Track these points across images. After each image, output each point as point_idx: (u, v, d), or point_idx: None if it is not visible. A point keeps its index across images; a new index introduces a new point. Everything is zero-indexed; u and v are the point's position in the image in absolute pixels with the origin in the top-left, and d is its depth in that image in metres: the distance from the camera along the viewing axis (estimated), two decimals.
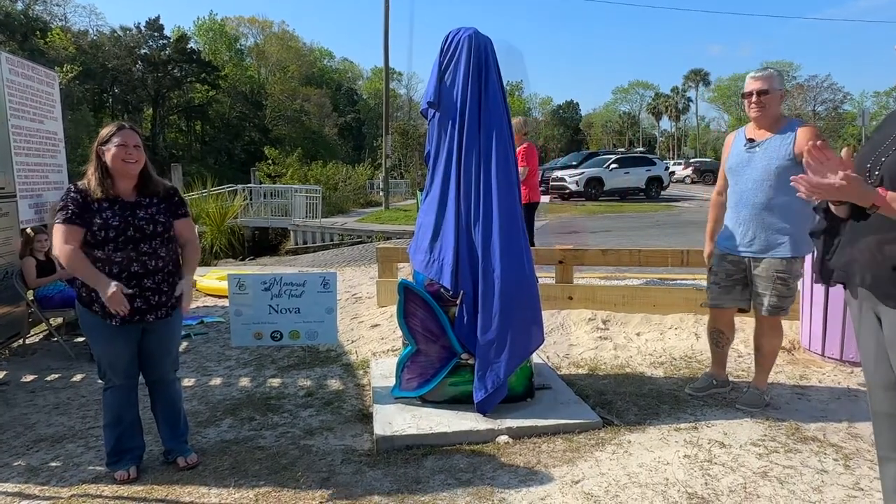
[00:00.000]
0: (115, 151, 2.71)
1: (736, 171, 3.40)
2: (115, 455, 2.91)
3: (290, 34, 61.29)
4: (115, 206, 2.74)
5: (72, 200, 2.67)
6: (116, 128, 2.79)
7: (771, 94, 3.25)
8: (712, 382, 3.69)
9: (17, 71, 5.39)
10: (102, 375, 2.89)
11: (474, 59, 3.32)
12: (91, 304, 2.73)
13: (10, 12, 35.67)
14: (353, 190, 25.02)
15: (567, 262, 5.36)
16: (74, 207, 2.66)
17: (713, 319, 3.65)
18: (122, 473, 2.87)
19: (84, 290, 2.72)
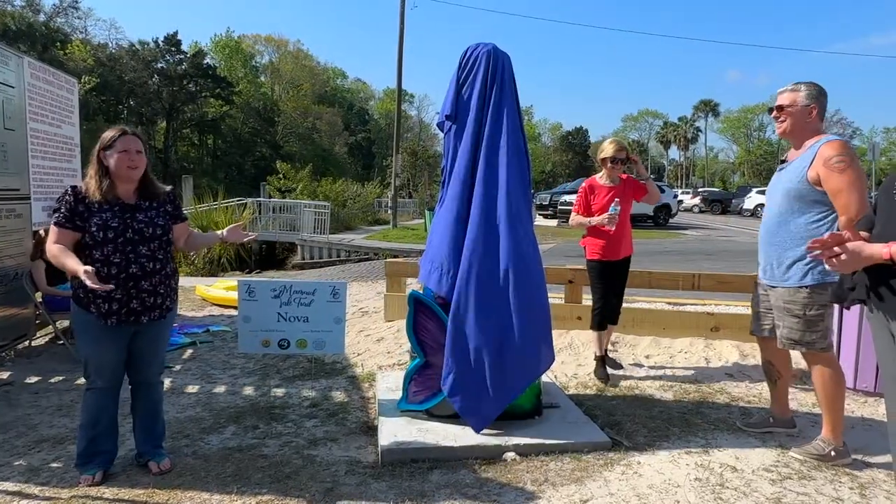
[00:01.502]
0: (118, 157, 2.73)
1: (767, 193, 3.28)
2: (85, 457, 2.86)
3: (304, 53, 62.21)
4: (115, 207, 2.74)
5: (65, 203, 2.70)
6: (119, 133, 2.78)
7: (793, 109, 3.03)
8: (769, 420, 3.42)
9: (38, 76, 5.47)
10: (87, 376, 2.85)
11: (492, 75, 3.34)
12: (88, 304, 2.72)
13: (33, 23, 36.40)
14: (361, 207, 25.12)
15: (576, 282, 5.33)
16: (66, 211, 2.69)
17: (761, 350, 3.42)
18: (88, 477, 2.82)
19: (81, 291, 2.71)
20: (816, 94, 3.03)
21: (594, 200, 4.42)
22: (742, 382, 4.29)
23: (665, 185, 29.39)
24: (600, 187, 4.42)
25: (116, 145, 2.73)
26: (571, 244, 15.82)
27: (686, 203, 38.61)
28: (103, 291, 2.58)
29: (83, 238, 2.69)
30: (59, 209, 2.70)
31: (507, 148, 3.31)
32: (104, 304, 2.70)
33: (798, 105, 3.03)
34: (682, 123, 78.67)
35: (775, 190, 3.12)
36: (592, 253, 4.39)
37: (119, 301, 2.72)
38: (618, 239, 4.32)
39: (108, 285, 2.57)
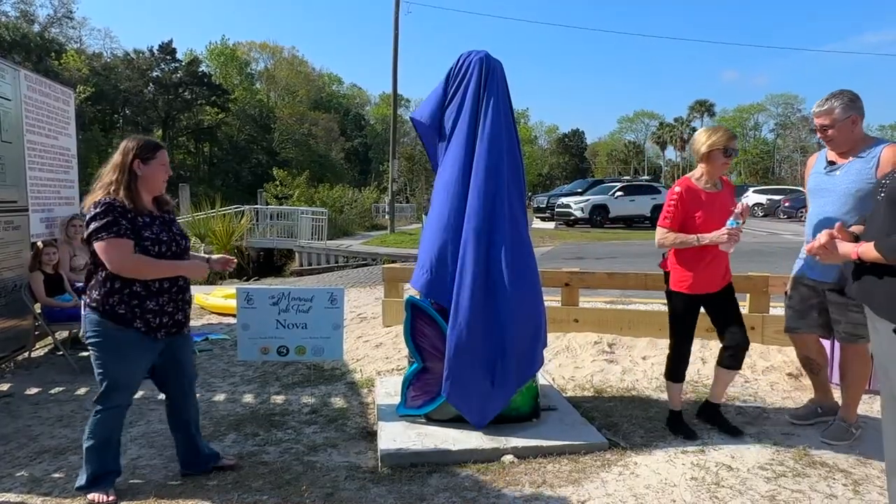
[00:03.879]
0: (159, 169, 2.75)
1: (815, 194, 3.33)
2: (97, 477, 2.76)
3: (299, 59, 62.33)
4: (156, 220, 2.74)
5: (120, 214, 2.60)
6: (155, 146, 2.78)
7: (835, 128, 3.14)
8: (817, 410, 3.53)
9: (34, 88, 5.51)
10: (106, 396, 2.72)
11: (485, 81, 3.38)
12: (133, 321, 2.64)
13: (27, 33, 36.42)
14: (358, 213, 25.15)
15: (573, 285, 5.37)
16: (127, 222, 2.61)
17: (797, 346, 3.52)
18: (101, 496, 2.73)
19: (123, 308, 2.62)
20: (849, 103, 3.12)
21: (696, 210, 3.27)
22: (738, 382, 4.32)
23: (661, 185, 29.50)
24: (701, 192, 3.30)
25: (158, 157, 2.75)
26: (569, 247, 15.88)
27: None
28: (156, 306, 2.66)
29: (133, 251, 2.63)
30: (117, 221, 2.58)
31: (500, 153, 3.35)
32: (154, 318, 2.68)
33: (838, 121, 3.13)
34: (678, 124, 78.88)
35: (831, 191, 3.21)
36: (680, 282, 3.36)
37: (169, 314, 2.74)
38: (718, 264, 3.33)
39: None
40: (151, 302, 2.68)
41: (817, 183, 3.33)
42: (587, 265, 11.42)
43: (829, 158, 3.32)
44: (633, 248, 15.59)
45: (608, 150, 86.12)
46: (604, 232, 21.24)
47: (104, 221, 2.57)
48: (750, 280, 5.06)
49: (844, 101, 3.11)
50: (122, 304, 2.63)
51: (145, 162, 2.71)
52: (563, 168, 78.34)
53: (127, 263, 2.59)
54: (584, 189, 26.71)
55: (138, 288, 2.65)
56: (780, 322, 4.93)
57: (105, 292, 2.63)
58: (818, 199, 3.29)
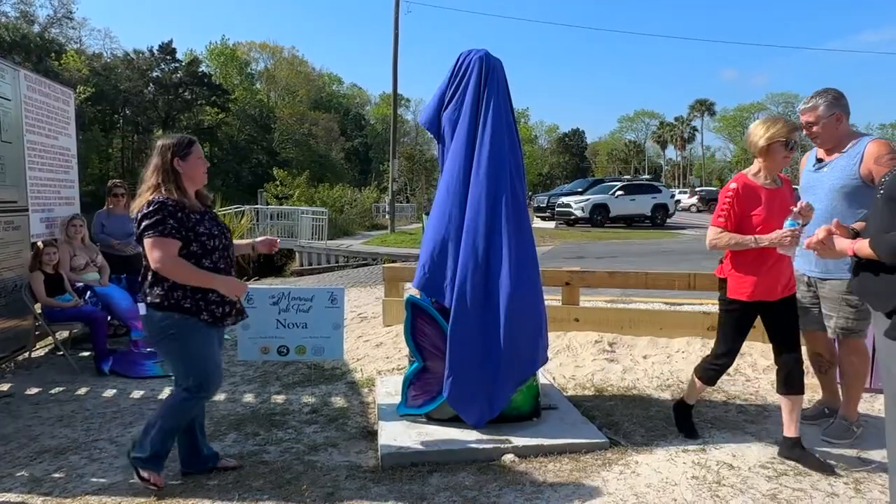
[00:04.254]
0: (198, 163, 2.79)
1: (805, 191, 3.37)
2: (155, 456, 2.80)
3: (299, 59, 62.30)
4: (206, 216, 2.79)
5: (170, 213, 2.63)
6: (189, 140, 2.81)
7: (819, 125, 3.19)
8: (824, 411, 3.54)
9: (34, 88, 5.51)
10: (198, 387, 2.77)
11: (485, 80, 3.37)
12: (200, 312, 2.69)
13: (27, 34, 36.42)
14: (358, 213, 25.15)
15: (573, 284, 5.36)
16: (174, 221, 2.63)
17: (807, 343, 3.49)
18: (154, 476, 2.81)
19: (189, 301, 2.66)
20: (833, 100, 3.17)
21: (753, 209, 2.99)
22: (739, 380, 4.32)
23: (662, 184, 29.51)
24: (760, 189, 3.02)
25: (194, 151, 2.78)
26: (569, 246, 15.88)
27: (683, 203, 38.73)
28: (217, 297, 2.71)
29: (189, 248, 2.68)
30: (165, 220, 2.61)
31: (500, 151, 3.34)
32: (218, 308, 2.74)
33: (822, 118, 3.18)
34: (679, 123, 78.92)
35: (818, 188, 3.26)
36: (740, 290, 3.05)
37: (230, 303, 2.81)
38: (781, 269, 3.02)
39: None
40: (213, 294, 2.72)
41: (807, 180, 3.39)
42: (588, 264, 11.42)
43: (817, 156, 3.39)
44: (633, 247, 15.60)
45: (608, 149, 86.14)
46: (604, 231, 21.23)
47: (153, 220, 2.62)
48: None
49: (828, 98, 3.17)
50: (187, 298, 2.67)
51: (184, 158, 2.75)
52: (564, 167, 78.33)
53: (168, 263, 2.60)
54: (584, 188, 26.71)
55: None
56: None
57: (169, 287, 2.65)
58: (808, 196, 3.31)
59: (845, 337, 3.24)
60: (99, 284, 5.59)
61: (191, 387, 2.77)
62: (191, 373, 2.76)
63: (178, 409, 2.80)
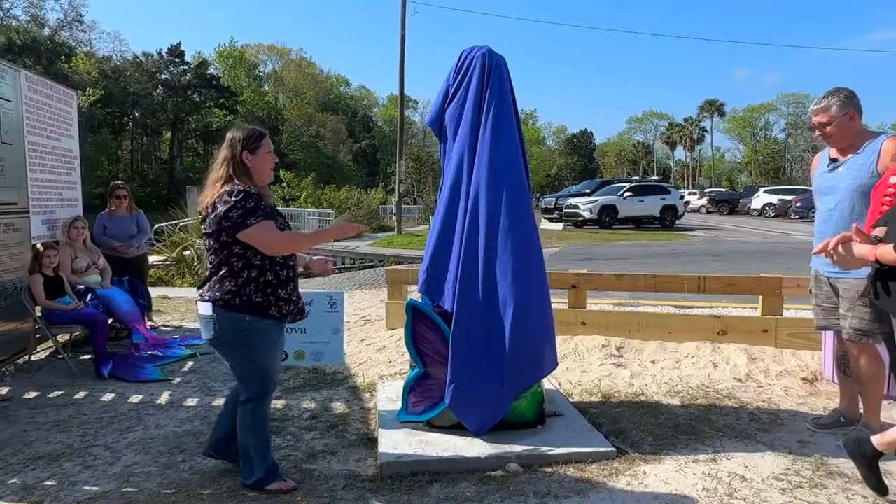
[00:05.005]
0: (267, 157, 2.72)
1: (820, 193, 3.34)
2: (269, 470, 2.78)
3: (307, 61, 62.52)
4: (275, 210, 2.75)
5: (258, 200, 2.60)
6: (260, 134, 2.72)
7: (833, 125, 3.15)
8: (839, 420, 3.41)
9: (35, 89, 5.47)
10: (263, 392, 2.73)
11: (488, 78, 3.28)
12: (269, 308, 2.63)
13: (37, 37, 36.70)
14: (365, 214, 25.11)
15: (580, 287, 5.25)
16: (264, 206, 2.61)
17: (839, 341, 3.41)
18: (284, 485, 2.79)
19: (260, 296, 2.60)
20: (846, 99, 3.13)
21: None
22: (751, 387, 4.19)
23: (671, 185, 29.28)
24: None
25: (264, 145, 2.70)
26: (577, 248, 15.75)
27: (693, 204, 38.45)
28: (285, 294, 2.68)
29: None
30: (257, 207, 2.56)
31: (503, 151, 3.25)
32: (286, 305, 2.69)
33: (836, 117, 3.14)
34: (688, 124, 78.40)
35: (835, 188, 3.21)
36: None
37: (294, 302, 2.75)
38: None
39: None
40: (283, 290, 2.68)
41: (822, 182, 3.33)
42: (596, 266, 11.30)
43: (831, 156, 3.32)
44: (642, 248, 15.44)
45: (617, 150, 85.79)
46: (612, 233, 21.06)
47: (249, 207, 2.52)
48: (762, 282, 4.93)
49: (841, 98, 3.14)
50: (259, 293, 2.60)
51: (253, 152, 2.66)
52: (572, 169, 78.04)
53: (280, 240, 2.60)
54: (592, 190, 26.54)
55: (270, 277, 2.64)
56: (794, 325, 4.83)
57: (241, 283, 2.57)
58: (824, 198, 3.29)
59: (858, 339, 3.15)
60: (101, 287, 5.54)
61: (255, 394, 2.73)
62: (256, 377, 2.70)
63: (257, 419, 2.75)
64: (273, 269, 2.65)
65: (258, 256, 2.61)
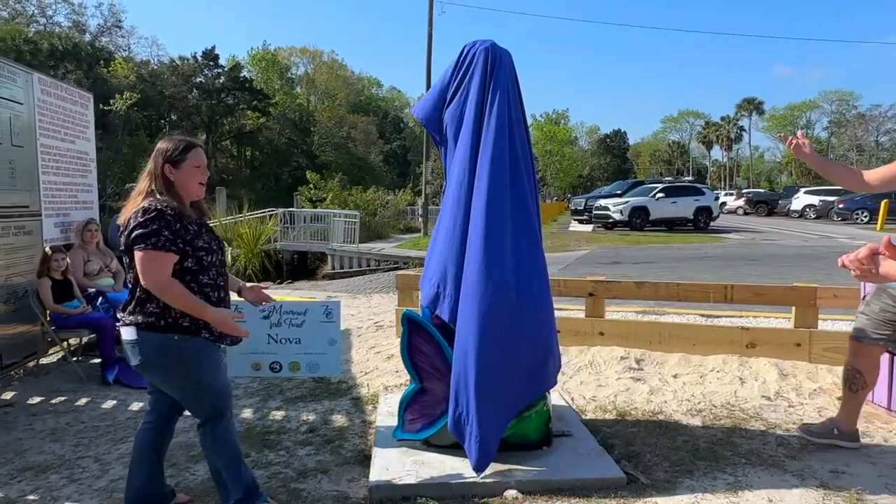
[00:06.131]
0: (193, 172, 2.48)
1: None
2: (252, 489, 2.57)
3: (339, 63, 63.01)
4: (203, 227, 2.52)
5: (166, 224, 2.34)
6: (187, 146, 2.50)
7: None
8: (833, 431, 3.25)
9: (49, 91, 5.45)
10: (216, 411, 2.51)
11: (490, 73, 3.06)
12: (200, 330, 2.42)
13: (78, 43, 37.73)
14: (392, 215, 25.05)
15: (598, 295, 4.98)
16: (170, 233, 2.34)
17: (852, 355, 3.19)
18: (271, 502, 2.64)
19: (187, 320, 2.39)
20: None
21: None
22: (780, 406, 3.87)
23: (706, 186, 28.47)
24: None
25: (190, 159, 2.46)
26: (605, 250, 15.34)
27: (730, 205, 37.39)
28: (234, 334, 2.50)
29: (185, 262, 2.40)
30: (159, 231, 2.32)
31: (507, 152, 3.02)
32: None
33: None
34: (725, 123, 76.49)
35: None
36: None
37: None
38: None
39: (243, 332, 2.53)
40: None
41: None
42: (624, 270, 10.95)
43: None
44: (673, 252, 14.96)
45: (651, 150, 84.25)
46: (643, 235, 20.52)
47: (148, 230, 2.32)
48: (796, 291, 4.59)
49: None
50: (186, 317, 2.39)
51: (176, 165, 2.44)
52: (605, 169, 76.94)
53: (161, 282, 2.32)
54: (623, 190, 25.96)
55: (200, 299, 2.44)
56: (829, 338, 4.47)
57: (163, 304, 2.36)
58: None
59: None
60: (113, 290, 5.50)
61: (209, 414, 2.50)
62: (205, 397, 2.48)
63: (218, 438, 2.52)
64: (202, 290, 2.43)
65: (184, 278, 2.39)
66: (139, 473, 2.60)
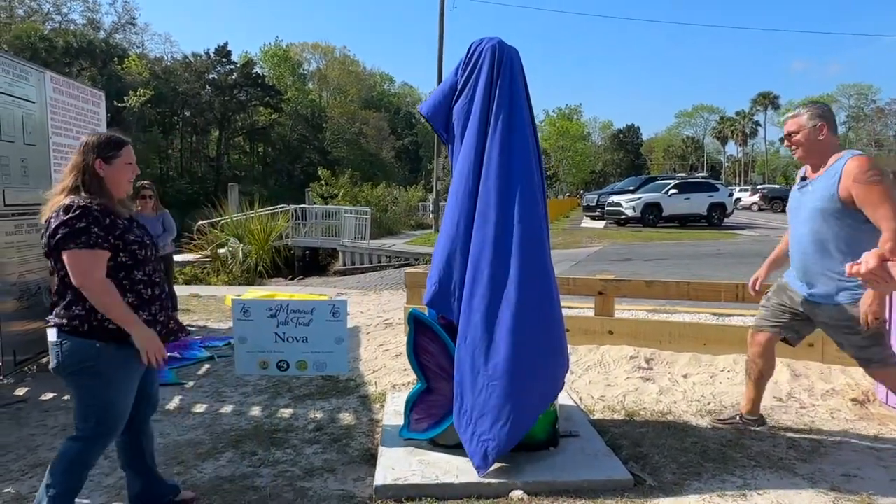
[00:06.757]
0: (125, 168, 2.43)
1: (790, 212, 3.25)
2: None
3: (350, 59, 63.13)
4: (133, 222, 2.44)
5: (94, 220, 2.25)
6: (119, 142, 2.43)
7: (801, 134, 3.05)
8: (737, 417, 3.51)
9: (61, 90, 5.50)
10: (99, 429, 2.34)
11: (497, 72, 3.04)
12: (126, 336, 2.29)
13: (93, 40, 38.13)
14: (403, 211, 25.05)
15: (608, 293, 4.94)
16: (100, 229, 2.26)
17: (749, 344, 3.44)
18: None
19: (112, 322, 2.29)
20: (820, 112, 3.06)
21: None
22: (792, 408, 3.82)
23: (719, 182, 28.21)
24: None
25: (123, 155, 2.42)
26: (617, 247, 15.26)
27: (744, 201, 37.04)
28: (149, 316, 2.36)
29: (119, 258, 2.32)
30: (89, 228, 2.24)
31: (513, 150, 3.00)
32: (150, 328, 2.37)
33: (805, 128, 3.04)
34: (740, 118, 75.69)
35: (802, 209, 3.10)
36: None
37: (162, 323, 2.44)
38: None
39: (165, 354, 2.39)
40: (144, 312, 2.36)
41: (792, 201, 3.25)
42: (636, 267, 10.88)
43: (804, 174, 3.21)
44: (686, 249, 14.84)
45: (665, 145, 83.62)
46: (656, 231, 20.37)
47: (75, 228, 2.22)
48: None
49: (814, 110, 3.07)
50: (111, 321, 2.28)
51: (108, 161, 2.38)
52: (618, 165, 76.50)
53: (96, 282, 2.23)
54: (636, 186, 25.78)
55: (130, 298, 2.33)
56: None
57: (90, 306, 2.26)
58: (793, 218, 3.20)
59: (866, 366, 3.07)
60: None
61: (89, 433, 2.34)
62: (94, 414, 2.32)
63: (77, 463, 2.34)
64: (134, 288, 2.34)
65: (118, 274, 2.31)
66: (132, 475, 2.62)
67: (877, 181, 2.80)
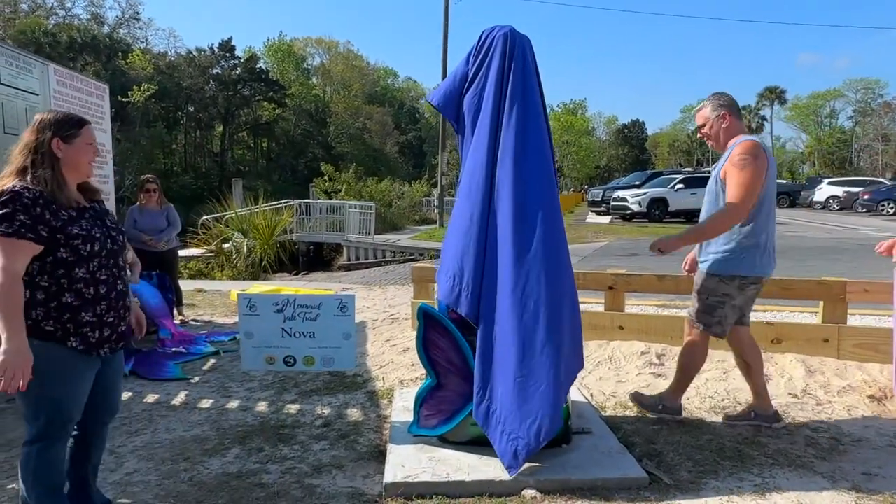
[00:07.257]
0: (85, 149, 2.25)
1: None
2: None
3: (354, 54, 62.97)
4: (86, 213, 2.23)
5: (23, 207, 2.03)
6: (79, 120, 2.27)
7: (708, 125, 3.27)
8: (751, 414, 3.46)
9: (64, 82, 5.45)
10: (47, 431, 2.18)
11: (509, 60, 2.97)
12: (66, 338, 2.14)
13: (97, 35, 38.09)
14: (408, 207, 24.98)
15: (618, 288, 4.87)
16: (27, 217, 2.03)
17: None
18: None
19: (51, 324, 2.12)
20: (721, 102, 3.25)
21: None
22: (808, 404, 3.75)
23: None
24: None
25: (83, 135, 2.24)
26: (623, 243, 15.16)
27: None
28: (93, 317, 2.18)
29: (59, 253, 2.12)
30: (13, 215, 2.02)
31: (527, 139, 2.93)
32: (93, 332, 2.19)
33: (710, 119, 3.26)
34: (746, 112, 75.18)
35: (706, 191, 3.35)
36: None
37: (111, 325, 2.25)
38: None
39: None
40: (87, 313, 2.17)
41: None
42: (642, 262, 10.79)
43: None
44: None
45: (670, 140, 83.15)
46: (662, 227, 20.24)
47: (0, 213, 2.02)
48: (824, 286, 4.44)
49: (715, 102, 3.26)
50: (49, 320, 2.12)
51: (67, 140, 2.20)
52: (623, 160, 76.20)
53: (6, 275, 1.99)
54: (642, 181, 25.64)
55: (69, 298, 2.13)
56: (860, 334, 4.33)
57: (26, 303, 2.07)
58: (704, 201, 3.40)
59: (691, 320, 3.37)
60: (129, 281, 5.50)
61: (39, 434, 2.18)
62: (42, 412, 2.16)
63: (42, 465, 2.21)
64: (73, 287, 2.14)
65: (46, 274, 2.11)
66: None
67: (744, 165, 2.98)
